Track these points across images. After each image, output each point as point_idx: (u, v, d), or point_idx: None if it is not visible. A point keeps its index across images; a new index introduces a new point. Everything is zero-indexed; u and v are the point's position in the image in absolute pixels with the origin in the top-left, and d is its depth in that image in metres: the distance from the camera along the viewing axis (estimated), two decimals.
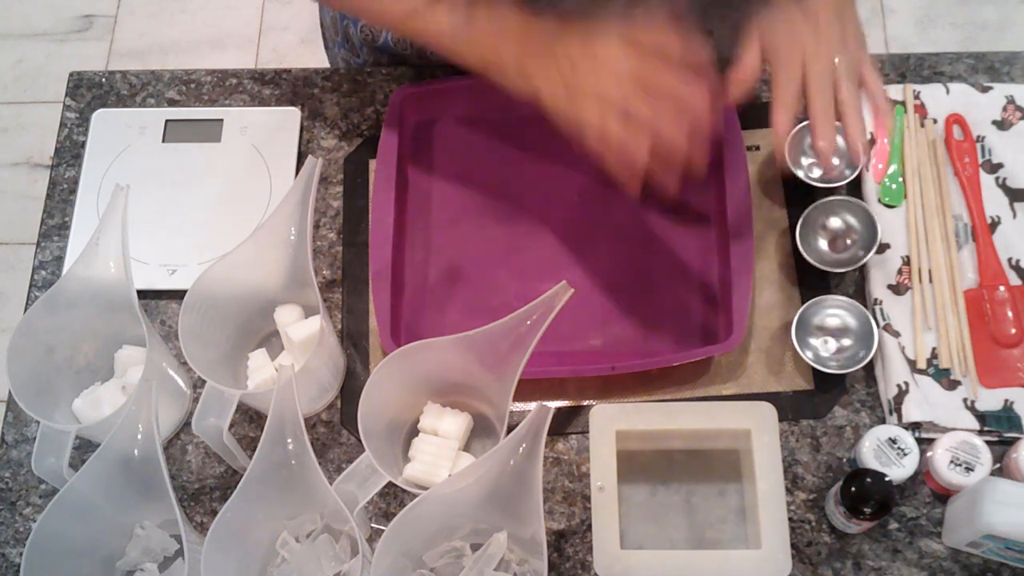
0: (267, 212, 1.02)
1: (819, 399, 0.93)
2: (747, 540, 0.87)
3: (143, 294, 0.98)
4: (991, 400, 0.90)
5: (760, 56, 0.80)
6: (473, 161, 1.04)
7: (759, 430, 0.86)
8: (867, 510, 0.82)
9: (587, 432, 0.89)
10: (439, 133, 1.05)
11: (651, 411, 0.89)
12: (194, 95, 1.09)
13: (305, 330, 0.90)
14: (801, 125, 0.99)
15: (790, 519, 0.88)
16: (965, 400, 0.90)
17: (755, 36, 0.81)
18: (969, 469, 0.85)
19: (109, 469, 0.81)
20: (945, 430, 0.89)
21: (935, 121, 1.01)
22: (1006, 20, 2.10)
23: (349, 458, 0.93)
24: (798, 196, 1.00)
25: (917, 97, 1.02)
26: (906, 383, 0.90)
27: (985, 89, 1.02)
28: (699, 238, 0.99)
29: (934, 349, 0.93)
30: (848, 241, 0.97)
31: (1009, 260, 0.96)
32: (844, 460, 0.91)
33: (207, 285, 0.87)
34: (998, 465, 0.88)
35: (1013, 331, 0.93)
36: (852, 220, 0.96)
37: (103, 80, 1.11)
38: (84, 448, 0.94)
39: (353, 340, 0.97)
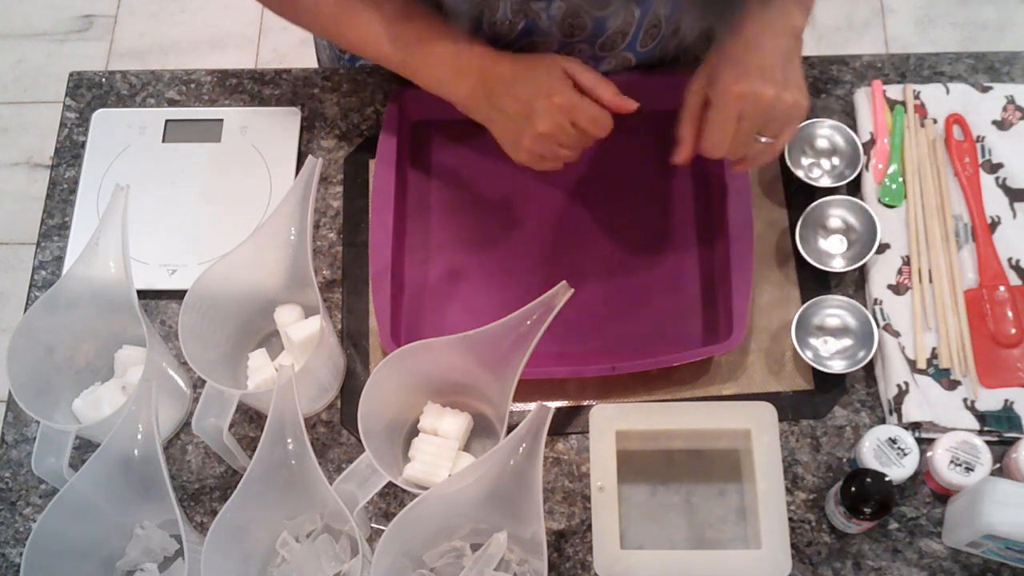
0: (267, 212, 1.02)
1: (819, 399, 0.93)
2: (747, 540, 0.87)
3: (143, 294, 0.98)
4: (991, 400, 0.90)
5: (699, 116, 0.86)
6: (473, 161, 1.04)
7: (759, 430, 0.86)
8: (867, 510, 0.82)
9: (587, 432, 0.89)
10: (439, 133, 1.05)
11: (651, 411, 0.89)
12: (194, 95, 1.09)
13: (305, 330, 0.90)
14: (802, 125, 0.99)
15: (790, 519, 0.88)
16: (965, 400, 0.90)
17: (700, 86, 0.85)
18: (969, 469, 0.85)
19: (109, 469, 0.81)
20: (945, 430, 0.89)
21: (935, 121, 1.01)
22: (1006, 20, 2.10)
23: (349, 458, 0.93)
24: (798, 196, 1.00)
25: (917, 97, 1.02)
26: (906, 383, 0.90)
27: (985, 89, 1.02)
28: (699, 238, 0.99)
29: (934, 349, 0.93)
30: (848, 241, 0.97)
31: (1009, 260, 0.96)
32: (844, 460, 0.91)
33: (207, 285, 0.87)
34: (998, 465, 0.88)
35: (1013, 331, 0.93)
36: (852, 220, 0.96)
37: (103, 80, 1.11)
38: (84, 448, 0.94)
39: (353, 340, 0.97)
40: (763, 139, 0.84)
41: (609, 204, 1.01)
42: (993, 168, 0.99)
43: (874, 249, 0.94)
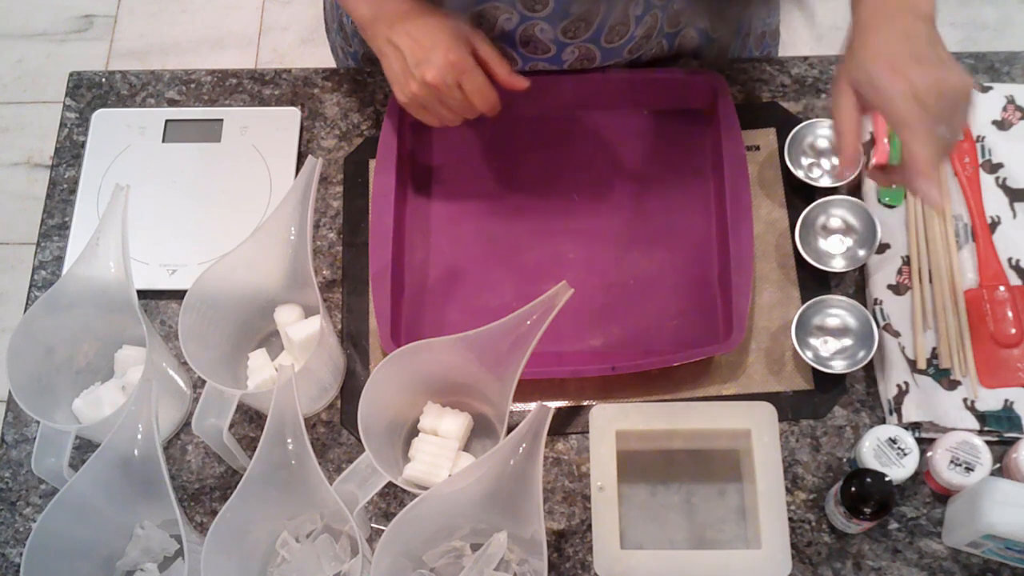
0: (267, 212, 1.02)
1: (819, 399, 0.93)
2: (747, 540, 0.87)
3: (143, 294, 0.98)
4: (991, 400, 0.90)
5: (858, 125, 0.76)
6: (473, 161, 1.04)
7: (759, 430, 0.86)
8: (867, 510, 0.82)
9: (587, 432, 0.89)
10: (439, 133, 1.05)
11: (651, 411, 0.89)
12: (194, 95, 1.09)
13: (305, 330, 0.90)
14: (801, 125, 0.99)
15: (790, 519, 0.88)
16: (965, 400, 0.90)
17: (847, 95, 0.76)
18: (969, 469, 0.85)
19: (109, 469, 0.81)
20: (945, 430, 0.89)
21: None
22: (1006, 20, 2.10)
23: (349, 458, 0.93)
24: (798, 196, 1.00)
25: None
26: (906, 383, 0.90)
27: (985, 89, 1.02)
28: (699, 238, 0.99)
29: (934, 349, 0.93)
30: (848, 241, 0.97)
31: (1009, 260, 0.96)
32: (844, 460, 0.91)
33: (207, 285, 0.87)
34: (998, 465, 0.88)
35: (1013, 331, 0.93)
36: (852, 220, 0.96)
37: (103, 80, 1.11)
38: (84, 448, 0.94)
39: (353, 340, 0.97)
40: (941, 130, 0.73)
41: (609, 204, 1.01)
42: (993, 168, 0.99)
43: (874, 249, 0.94)
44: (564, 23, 0.93)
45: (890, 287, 0.95)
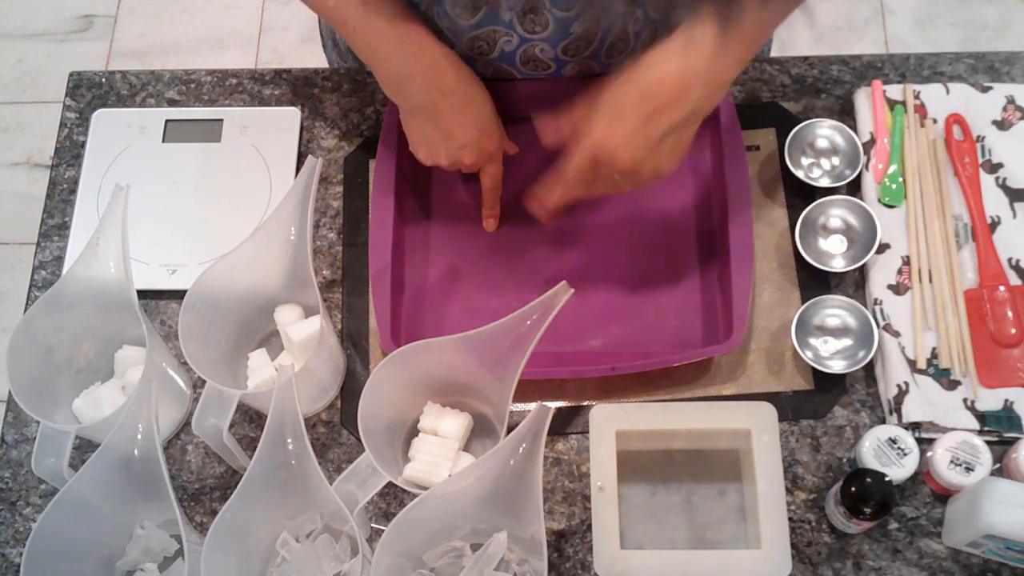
0: (267, 212, 1.02)
1: (819, 399, 0.93)
2: (747, 540, 0.87)
3: (143, 294, 0.98)
4: (991, 400, 0.90)
5: (561, 136, 0.86)
6: None
7: (759, 430, 0.86)
8: (867, 510, 0.82)
9: (587, 432, 0.89)
10: None
11: (651, 411, 0.89)
12: (194, 95, 1.09)
13: (305, 330, 0.90)
14: (801, 125, 0.99)
15: (790, 519, 0.88)
16: (965, 400, 0.90)
17: (581, 112, 0.84)
18: (969, 469, 0.85)
19: (109, 469, 0.81)
20: (945, 430, 0.89)
21: (935, 121, 1.01)
22: (1006, 20, 2.10)
23: (349, 458, 0.93)
24: (798, 196, 1.00)
25: (917, 97, 1.02)
26: (906, 383, 0.90)
27: (985, 89, 1.02)
28: (699, 238, 0.99)
29: (934, 349, 0.93)
30: (848, 241, 0.97)
31: (1009, 260, 0.96)
32: (844, 460, 0.91)
33: (207, 285, 0.87)
34: (998, 465, 0.88)
35: (1013, 331, 0.93)
36: (852, 220, 0.96)
37: (103, 80, 1.11)
38: (84, 448, 0.94)
39: (353, 340, 0.97)
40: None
41: (609, 204, 1.01)
42: (993, 168, 0.99)
43: (874, 249, 0.94)
44: (564, 43, 0.93)
45: (890, 287, 0.95)
